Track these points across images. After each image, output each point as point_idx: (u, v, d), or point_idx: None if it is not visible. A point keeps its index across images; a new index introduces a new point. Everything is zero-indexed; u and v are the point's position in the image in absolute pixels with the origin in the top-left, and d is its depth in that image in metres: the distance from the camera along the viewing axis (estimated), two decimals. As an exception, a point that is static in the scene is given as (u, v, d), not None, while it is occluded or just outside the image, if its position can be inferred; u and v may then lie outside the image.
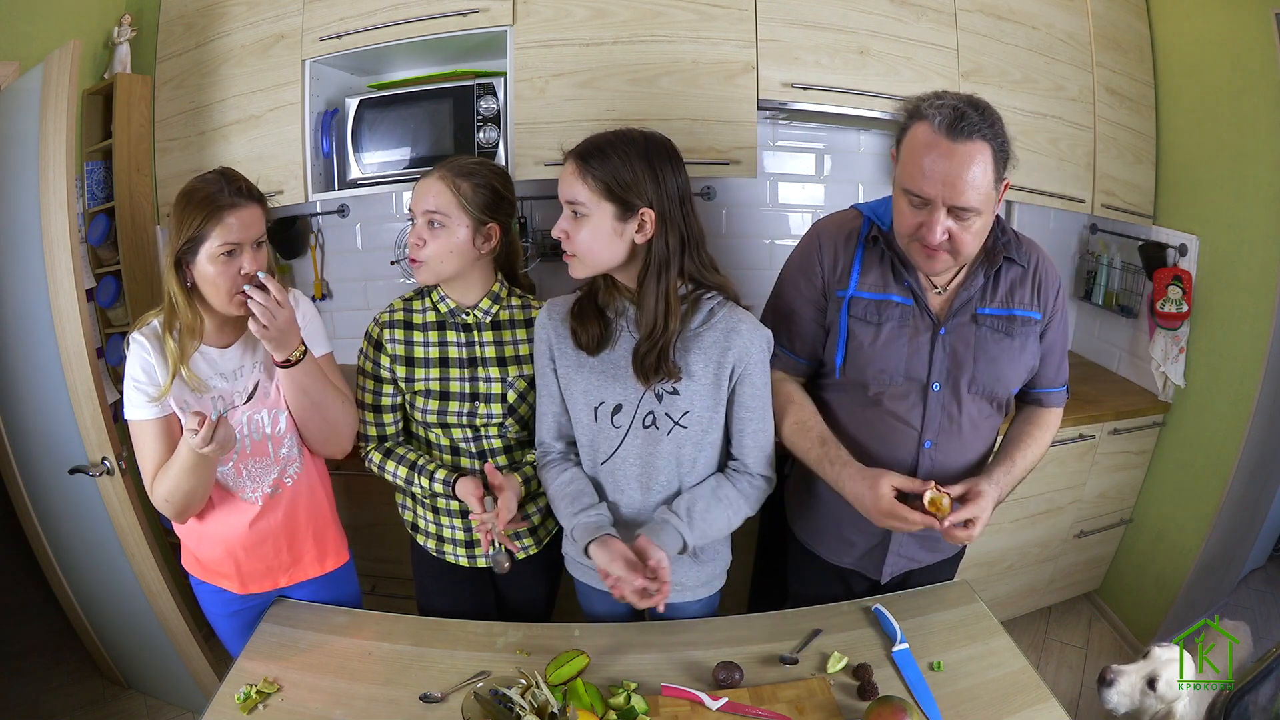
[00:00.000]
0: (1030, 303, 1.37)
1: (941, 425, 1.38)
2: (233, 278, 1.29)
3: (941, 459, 1.40)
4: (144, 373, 1.31)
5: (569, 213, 1.27)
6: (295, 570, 1.50)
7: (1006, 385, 1.40)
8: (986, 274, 1.35)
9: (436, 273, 1.42)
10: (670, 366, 1.28)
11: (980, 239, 1.27)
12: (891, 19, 2.03)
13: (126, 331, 2.06)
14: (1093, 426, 2.32)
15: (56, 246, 1.77)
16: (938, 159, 1.17)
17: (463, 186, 1.39)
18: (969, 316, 1.35)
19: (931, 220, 1.21)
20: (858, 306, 1.38)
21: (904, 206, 1.26)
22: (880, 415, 1.40)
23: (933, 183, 1.18)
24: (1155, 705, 1.46)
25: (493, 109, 2.03)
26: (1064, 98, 2.19)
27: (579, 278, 1.31)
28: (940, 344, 1.35)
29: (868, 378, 1.38)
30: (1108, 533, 2.59)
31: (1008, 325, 1.36)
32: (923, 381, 1.37)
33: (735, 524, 1.39)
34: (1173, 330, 2.32)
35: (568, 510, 1.36)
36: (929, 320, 1.36)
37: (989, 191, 1.19)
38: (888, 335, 1.36)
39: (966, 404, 1.38)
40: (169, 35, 2.19)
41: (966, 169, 1.16)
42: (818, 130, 2.50)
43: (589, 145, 1.26)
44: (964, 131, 1.16)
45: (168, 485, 1.31)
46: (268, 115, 2.10)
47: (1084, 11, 2.21)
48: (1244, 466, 2.20)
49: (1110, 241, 2.62)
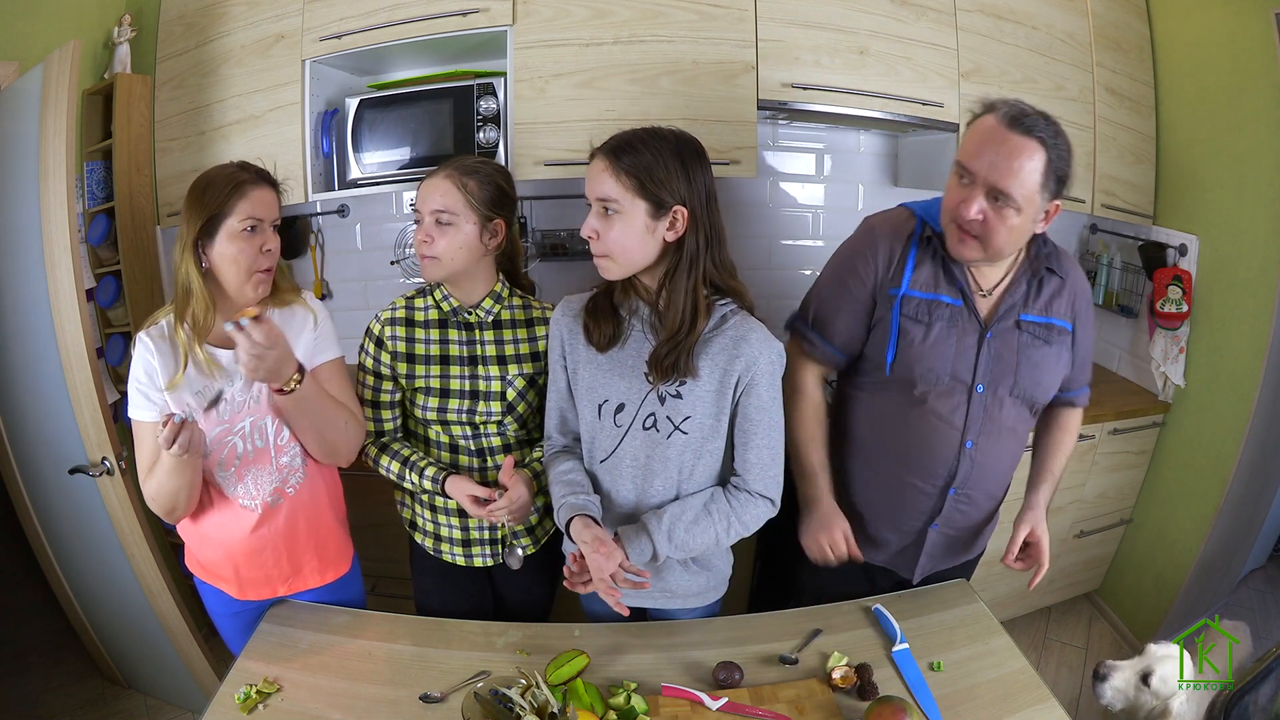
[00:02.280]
0: (1065, 313, 1.41)
1: (984, 427, 1.41)
2: (253, 256, 1.30)
3: (981, 460, 1.43)
4: (145, 374, 1.31)
5: (598, 210, 1.25)
6: (295, 580, 1.50)
7: (1045, 391, 1.43)
8: (1029, 282, 1.38)
9: (446, 269, 1.43)
10: (688, 366, 1.27)
11: (1014, 239, 1.29)
12: (891, 19, 2.03)
13: (127, 331, 2.08)
14: (1093, 426, 2.32)
15: (56, 246, 1.77)
16: (991, 140, 1.23)
17: (469, 184, 1.40)
18: (1013, 322, 1.39)
19: (970, 196, 1.25)
20: (909, 305, 1.40)
21: (952, 183, 1.30)
22: (924, 415, 1.41)
23: (980, 159, 1.24)
24: (1150, 701, 1.46)
25: (493, 109, 2.03)
26: (1064, 98, 2.19)
27: (613, 279, 1.29)
28: (986, 347, 1.38)
29: (915, 376, 1.40)
30: (1108, 533, 2.59)
31: (1046, 333, 1.40)
32: (968, 383, 1.39)
33: (727, 541, 1.36)
34: (1173, 330, 2.32)
35: (560, 494, 1.37)
36: (976, 322, 1.38)
37: (1033, 192, 1.23)
38: (937, 335, 1.38)
39: (1007, 407, 1.41)
40: (169, 35, 2.19)
41: (1015, 157, 1.21)
42: (818, 130, 2.50)
43: (620, 141, 1.24)
44: (1023, 126, 1.21)
45: (153, 484, 1.33)
46: (268, 115, 2.11)
47: (1084, 11, 2.22)
48: (1244, 466, 2.20)
49: (1110, 241, 2.62)
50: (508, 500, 1.40)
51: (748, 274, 1.35)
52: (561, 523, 1.34)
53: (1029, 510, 1.45)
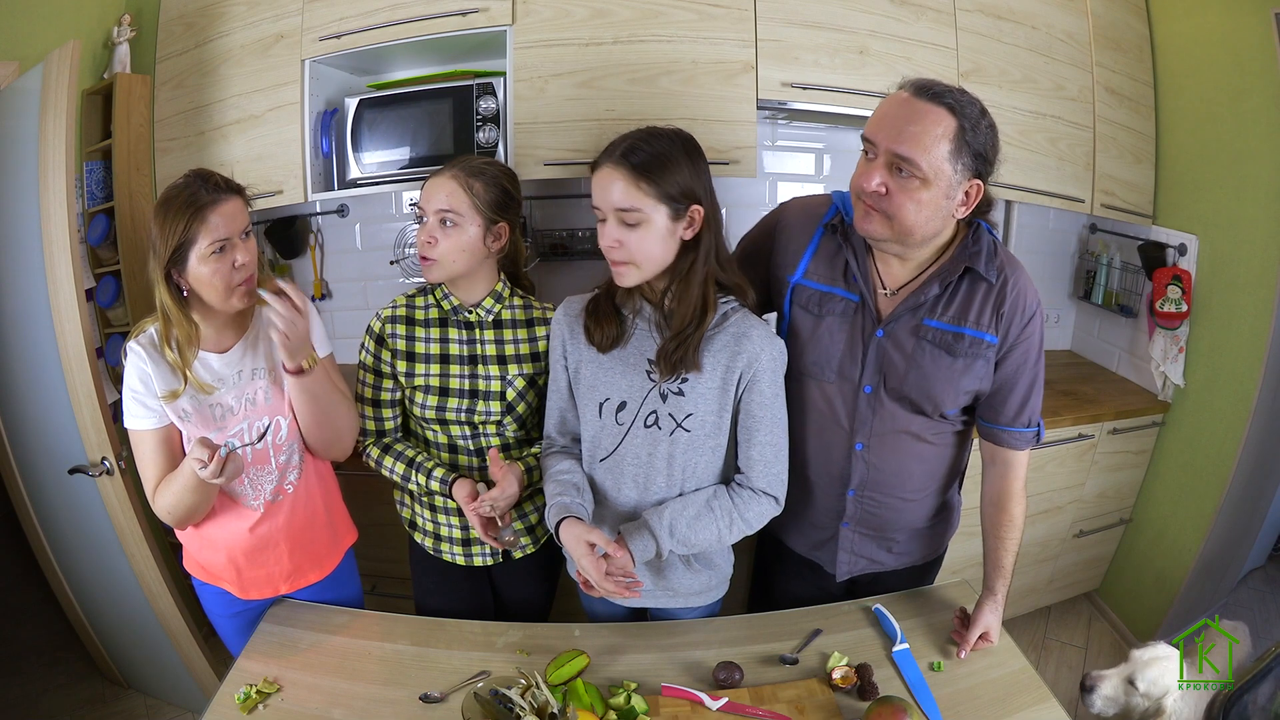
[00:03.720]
0: (988, 324, 1.28)
1: (874, 429, 1.35)
2: (228, 274, 1.28)
3: (876, 463, 1.38)
4: (141, 383, 1.30)
5: (616, 220, 1.22)
6: (296, 577, 1.50)
7: (935, 402, 1.32)
8: (943, 284, 1.28)
9: (448, 271, 1.42)
10: (695, 360, 1.27)
11: (924, 216, 1.19)
12: (891, 19, 2.03)
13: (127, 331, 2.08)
14: (1092, 426, 2.32)
15: (56, 246, 1.76)
16: (894, 107, 1.18)
17: (475, 185, 1.39)
18: (913, 324, 1.30)
19: (872, 167, 1.18)
20: (801, 295, 1.37)
21: (860, 161, 1.24)
22: (817, 410, 1.39)
23: (882, 127, 1.17)
24: (1142, 703, 1.46)
25: (492, 109, 2.03)
26: (1063, 97, 2.19)
27: (631, 284, 1.27)
28: (875, 346, 1.32)
29: (805, 368, 1.37)
30: (1107, 532, 2.59)
31: (953, 342, 1.29)
32: (855, 381, 1.35)
33: (729, 539, 1.35)
34: (1172, 330, 2.32)
35: (553, 492, 1.36)
36: (871, 320, 1.32)
37: (940, 162, 1.14)
38: (827, 328, 1.35)
39: (898, 412, 1.34)
40: (169, 35, 2.19)
41: (917, 121, 1.14)
42: (817, 130, 2.50)
43: (630, 147, 1.21)
44: (929, 93, 1.15)
45: (169, 499, 1.31)
46: (267, 115, 2.10)
47: (1084, 11, 2.21)
48: (1243, 466, 2.20)
49: (1110, 241, 2.62)
50: (497, 493, 1.39)
51: (747, 273, 1.36)
52: (551, 523, 1.34)
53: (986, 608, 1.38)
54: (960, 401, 1.34)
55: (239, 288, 1.30)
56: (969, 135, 1.15)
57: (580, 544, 1.26)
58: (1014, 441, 1.37)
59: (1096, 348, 2.75)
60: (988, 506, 1.44)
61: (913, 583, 1.56)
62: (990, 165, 1.20)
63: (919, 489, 1.43)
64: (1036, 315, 1.29)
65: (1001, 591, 1.41)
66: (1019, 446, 1.38)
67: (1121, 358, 2.63)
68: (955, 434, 1.42)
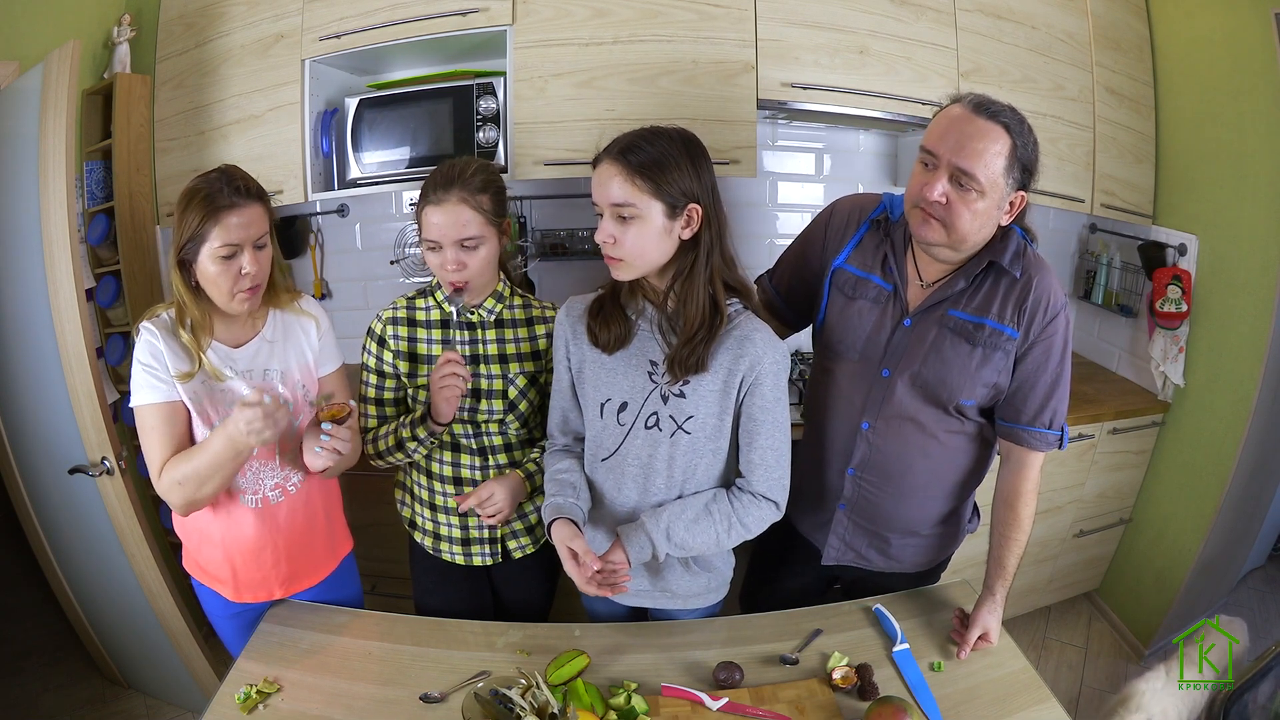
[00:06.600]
0: (1009, 318, 1.31)
1: (883, 411, 1.40)
2: (232, 279, 1.28)
3: (879, 444, 1.42)
4: (152, 358, 1.29)
5: (612, 216, 1.22)
6: (292, 583, 1.50)
7: (951, 391, 1.35)
8: (969, 277, 1.33)
9: (479, 288, 1.46)
10: (705, 361, 1.27)
11: (977, 224, 1.26)
12: (891, 19, 2.03)
13: (127, 331, 2.08)
14: (1092, 426, 2.32)
15: (56, 246, 1.76)
16: (956, 124, 1.23)
17: (483, 202, 1.39)
18: (939, 315, 1.36)
19: (934, 178, 1.24)
20: (840, 277, 1.45)
21: (917, 169, 1.29)
22: (835, 387, 1.47)
23: (944, 141, 1.23)
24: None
25: (492, 109, 2.03)
26: (1063, 97, 2.20)
27: (625, 280, 1.28)
28: (901, 333, 1.38)
29: (832, 345, 1.46)
30: (1107, 532, 2.59)
31: (973, 331, 1.33)
32: (875, 363, 1.40)
33: (728, 543, 1.34)
34: (1172, 330, 2.32)
35: (550, 491, 1.38)
36: (900, 309, 1.38)
37: (996, 177, 1.22)
38: (857, 310, 1.42)
39: (912, 400, 1.38)
40: (169, 35, 2.19)
41: (979, 139, 1.21)
42: (817, 130, 2.50)
43: (628, 144, 1.22)
44: (988, 111, 1.22)
45: (187, 469, 1.27)
46: (267, 115, 2.10)
47: (1083, 11, 2.22)
48: (1243, 466, 2.20)
49: (1110, 241, 2.62)
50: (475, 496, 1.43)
51: (748, 274, 1.36)
52: (545, 521, 1.34)
53: (984, 609, 1.40)
54: (977, 394, 1.36)
55: (240, 294, 1.30)
56: (1020, 152, 1.23)
57: (563, 548, 1.29)
58: (1034, 442, 1.39)
59: (1096, 348, 2.75)
60: (998, 504, 1.46)
61: (914, 583, 1.57)
62: (1034, 177, 1.28)
63: (920, 486, 1.44)
64: (1060, 316, 1.33)
65: (1001, 592, 1.42)
66: (1038, 447, 1.39)
67: (1121, 358, 2.63)
68: (968, 439, 1.43)
